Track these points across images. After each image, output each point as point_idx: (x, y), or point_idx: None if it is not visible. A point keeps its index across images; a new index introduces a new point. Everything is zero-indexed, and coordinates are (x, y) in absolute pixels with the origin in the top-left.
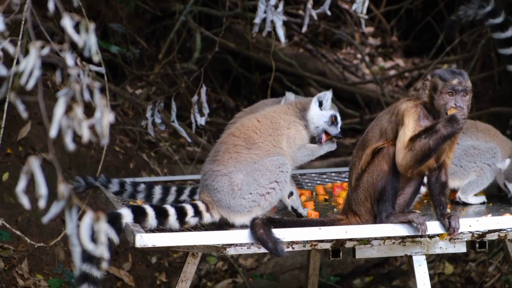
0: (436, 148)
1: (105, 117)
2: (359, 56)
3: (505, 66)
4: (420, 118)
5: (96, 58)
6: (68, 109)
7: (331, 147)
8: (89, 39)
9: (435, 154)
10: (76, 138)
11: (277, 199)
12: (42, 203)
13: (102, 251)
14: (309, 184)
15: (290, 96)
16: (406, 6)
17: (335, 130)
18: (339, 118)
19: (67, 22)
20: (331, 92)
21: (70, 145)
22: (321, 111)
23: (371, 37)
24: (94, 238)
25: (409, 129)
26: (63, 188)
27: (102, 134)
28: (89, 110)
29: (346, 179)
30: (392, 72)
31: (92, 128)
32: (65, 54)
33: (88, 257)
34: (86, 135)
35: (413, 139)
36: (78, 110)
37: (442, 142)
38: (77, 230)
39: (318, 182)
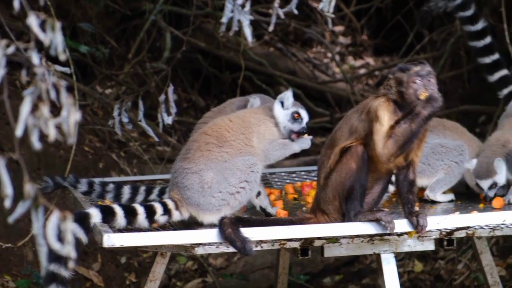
0: (418, 131)
1: (72, 116)
2: (329, 55)
3: (475, 63)
4: (394, 111)
5: (63, 57)
6: (35, 108)
7: (304, 142)
8: (55, 38)
9: (416, 138)
10: (44, 137)
11: (246, 199)
12: (7, 203)
13: (69, 251)
14: (278, 183)
15: (255, 102)
16: (376, 4)
17: (297, 126)
18: (303, 114)
19: (32, 21)
20: (291, 91)
21: (37, 144)
22: (284, 111)
23: (341, 36)
24: (61, 238)
25: (385, 120)
26: (29, 188)
27: (69, 133)
28: (56, 109)
29: (316, 178)
30: (362, 71)
31: (59, 127)
32: (30, 52)
33: (56, 257)
34: (52, 134)
35: (393, 126)
36: (44, 109)
37: (424, 123)
38: (44, 229)
39: (288, 181)
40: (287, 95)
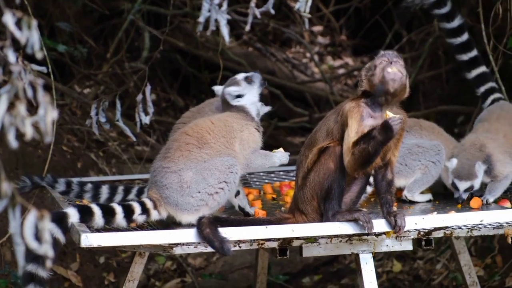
0: (375, 153)
1: (48, 114)
2: (308, 55)
3: (453, 63)
4: (363, 118)
5: (40, 55)
6: (11, 107)
7: (284, 157)
8: (31, 36)
9: (376, 158)
10: (21, 136)
11: (225, 200)
12: None
13: (47, 250)
14: (257, 183)
15: (217, 87)
16: (355, 4)
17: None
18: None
19: (8, 19)
20: (239, 74)
21: (13, 143)
22: (244, 97)
23: (320, 35)
24: (38, 237)
25: (352, 130)
26: (6, 187)
27: (46, 131)
28: (33, 109)
29: (294, 178)
30: (341, 71)
31: (36, 125)
32: (6, 51)
33: (34, 257)
34: (29, 132)
35: (354, 144)
36: (21, 108)
37: (380, 147)
38: (21, 229)
39: (266, 181)
40: (229, 93)
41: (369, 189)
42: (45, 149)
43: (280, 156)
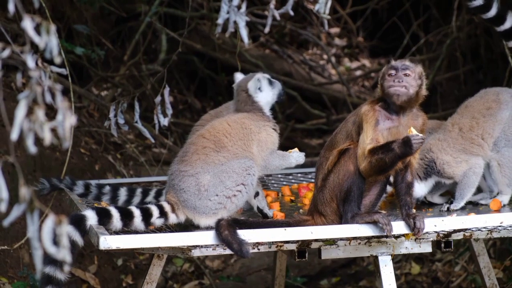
0: (392, 164)
1: (67, 120)
2: (325, 56)
3: (471, 64)
4: (378, 123)
5: (58, 59)
6: (30, 112)
7: (300, 157)
8: (50, 41)
9: (392, 169)
10: (40, 140)
11: (243, 202)
12: (3, 207)
13: (65, 255)
14: (275, 185)
15: (238, 75)
16: (372, 6)
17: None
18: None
19: (27, 24)
20: (259, 74)
21: (32, 148)
22: (264, 92)
23: (337, 37)
24: (56, 241)
25: (367, 136)
26: (24, 191)
27: (64, 136)
28: (51, 112)
29: (312, 180)
30: (358, 73)
31: (54, 130)
32: (25, 55)
33: (51, 260)
34: (48, 138)
35: (372, 151)
36: (40, 113)
37: (397, 160)
38: (39, 233)
39: (284, 183)
40: (257, 79)
41: (389, 189)
42: (63, 152)
43: (297, 156)
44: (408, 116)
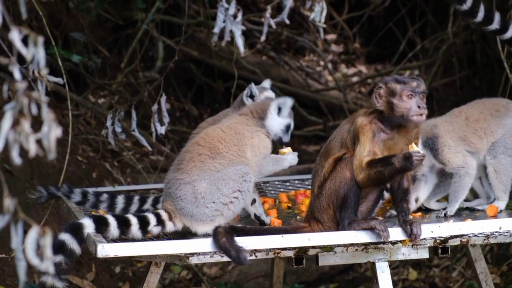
0: (390, 178)
1: (52, 132)
2: (322, 63)
3: (467, 70)
4: (375, 135)
5: (45, 71)
6: (16, 123)
7: (293, 159)
8: (37, 53)
9: (390, 182)
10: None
11: (240, 209)
12: None
13: (48, 267)
14: (272, 192)
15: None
16: (368, 12)
17: (287, 137)
18: (292, 126)
19: (14, 35)
20: (292, 100)
21: (17, 160)
22: (279, 118)
23: (333, 44)
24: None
25: (365, 148)
26: (8, 202)
27: (49, 148)
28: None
29: (310, 187)
30: (355, 79)
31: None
32: (12, 67)
33: None
34: (32, 149)
35: (370, 164)
36: (25, 124)
37: (396, 174)
38: (24, 244)
39: (281, 189)
40: (288, 103)
41: (386, 195)
42: (60, 160)
43: (290, 158)
44: (403, 129)
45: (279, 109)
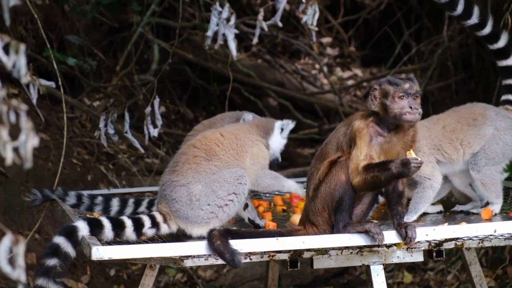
0: (387, 183)
1: (29, 141)
2: (317, 66)
3: (462, 74)
4: (372, 139)
5: (25, 80)
6: None
7: (293, 186)
8: (19, 60)
9: (385, 187)
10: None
11: (235, 211)
12: None
13: (19, 275)
14: (267, 195)
15: (248, 116)
16: (363, 16)
17: (279, 158)
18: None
19: None
20: (293, 124)
21: None
22: (281, 138)
23: (329, 47)
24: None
25: (361, 152)
26: None
27: (26, 157)
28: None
29: (305, 190)
30: (350, 82)
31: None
32: None
33: (44, 271)
34: (9, 157)
35: (367, 169)
36: (3, 132)
37: (392, 180)
38: None
39: (276, 192)
40: (290, 126)
41: (381, 199)
42: (55, 162)
43: (291, 184)
44: (400, 131)
45: (281, 130)
